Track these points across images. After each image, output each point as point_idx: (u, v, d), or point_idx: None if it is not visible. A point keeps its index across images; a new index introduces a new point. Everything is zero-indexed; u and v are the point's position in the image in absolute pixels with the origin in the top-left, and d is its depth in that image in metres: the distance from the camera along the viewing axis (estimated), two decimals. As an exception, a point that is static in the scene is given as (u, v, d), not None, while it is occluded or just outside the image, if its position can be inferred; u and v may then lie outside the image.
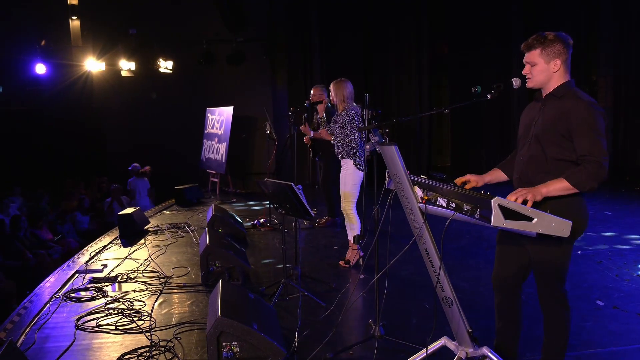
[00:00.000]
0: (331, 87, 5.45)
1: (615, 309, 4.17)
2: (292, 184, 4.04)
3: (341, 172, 5.42)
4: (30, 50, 10.79)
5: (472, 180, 2.97)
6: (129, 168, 10.47)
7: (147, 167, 10.74)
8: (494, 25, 11.35)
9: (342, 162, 5.41)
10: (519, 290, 3.00)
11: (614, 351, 3.49)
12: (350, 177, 5.31)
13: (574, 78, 2.80)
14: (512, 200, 2.44)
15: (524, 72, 2.83)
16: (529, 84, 2.83)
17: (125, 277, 5.08)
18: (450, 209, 2.53)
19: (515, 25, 11.23)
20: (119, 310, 4.25)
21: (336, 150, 5.45)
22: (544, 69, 2.75)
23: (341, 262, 5.43)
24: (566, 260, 2.74)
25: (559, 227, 2.32)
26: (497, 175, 3.08)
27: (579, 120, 2.61)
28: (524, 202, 2.45)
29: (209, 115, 11.43)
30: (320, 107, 5.61)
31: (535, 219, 2.31)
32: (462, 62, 11.49)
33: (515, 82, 2.91)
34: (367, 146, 4.89)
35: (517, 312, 3.03)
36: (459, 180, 2.95)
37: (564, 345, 2.86)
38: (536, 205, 2.48)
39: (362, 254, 5.43)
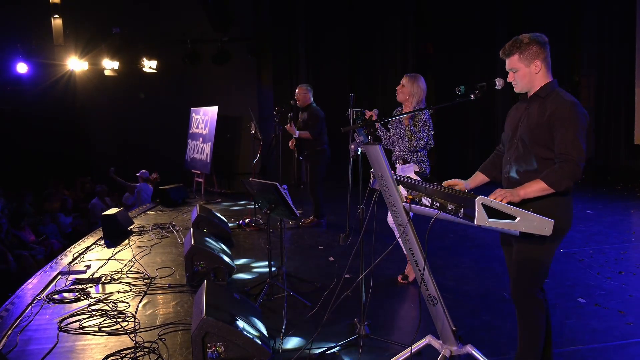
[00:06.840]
0: (405, 82, 4.71)
1: (597, 307, 4.23)
2: (277, 184, 4.04)
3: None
4: (11, 49, 10.62)
5: (460, 186, 2.96)
6: (137, 174, 10.33)
7: (156, 175, 10.62)
8: (479, 26, 11.43)
9: (402, 167, 4.67)
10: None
11: (596, 348, 3.53)
12: None
13: (556, 78, 2.82)
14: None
15: (509, 79, 2.86)
16: (517, 90, 2.87)
17: (109, 278, 5.04)
18: (435, 208, 2.54)
19: (500, 26, 11.33)
20: (103, 312, 4.21)
21: (397, 154, 4.71)
22: (526, 73, 2.78)
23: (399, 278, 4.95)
24: (548, 259, 2.77)
25: (541, 225, 2.34)
26: (481, 179, 3.11)
27: (562, 120, 2.65)
28: None
29: (193, 115, 11.37)
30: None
31: (518, 218, 2.33)
32: (448, 62, 11.54)
33: (499, 82, 2.93)
34: (352, 146, 4.89)
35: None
36: (446, 184, 2.92)
37: (537, 341, 2.85)
38: (520, 204, 2.50)
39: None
